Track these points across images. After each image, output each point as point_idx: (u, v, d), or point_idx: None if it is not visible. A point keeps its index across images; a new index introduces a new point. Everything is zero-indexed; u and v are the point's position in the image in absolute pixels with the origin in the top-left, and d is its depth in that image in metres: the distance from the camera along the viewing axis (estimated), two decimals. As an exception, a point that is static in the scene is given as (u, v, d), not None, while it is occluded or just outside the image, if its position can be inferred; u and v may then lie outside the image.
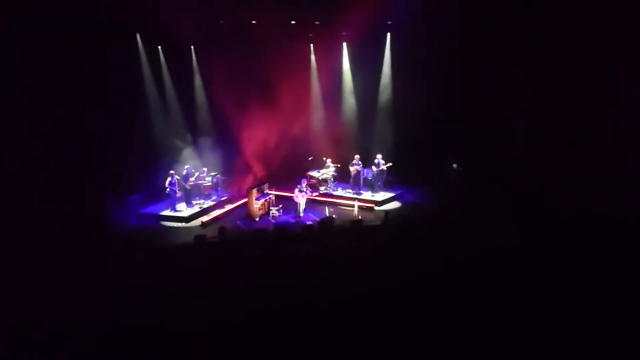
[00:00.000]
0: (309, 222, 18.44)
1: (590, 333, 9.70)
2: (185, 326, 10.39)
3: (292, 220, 19.06)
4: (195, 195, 20.52)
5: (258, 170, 22.41)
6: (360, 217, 18.76)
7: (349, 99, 24.12)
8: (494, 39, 20.24)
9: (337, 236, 16.72)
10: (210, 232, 17.25)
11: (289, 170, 22.65)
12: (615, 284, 11.30)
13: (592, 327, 9.85)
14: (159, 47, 21.63)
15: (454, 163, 22.17)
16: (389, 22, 22.16)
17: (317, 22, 21.88)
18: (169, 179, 19.21)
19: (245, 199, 20.06)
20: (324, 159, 22.29)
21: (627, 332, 9.76)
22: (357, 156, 21.29)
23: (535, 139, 20.15)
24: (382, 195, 21.04)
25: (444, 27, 20.82)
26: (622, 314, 10.21)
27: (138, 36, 20.88)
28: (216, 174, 21.44)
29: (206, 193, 20.91)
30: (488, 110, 20.92)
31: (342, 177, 22.32)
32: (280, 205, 19.73)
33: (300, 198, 19.29)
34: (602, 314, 10.16)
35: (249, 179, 21.94)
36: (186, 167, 20.10)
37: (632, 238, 13.75)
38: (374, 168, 21.06)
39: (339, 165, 22.14)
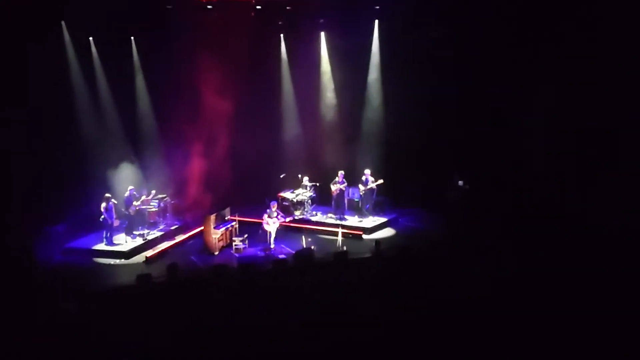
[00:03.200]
0: (281, 256, 18.29)
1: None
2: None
3: (260, 253, 18.91)
4: (138, 223, 20.24)
5: (217, 191, 22.24)
6: (345, 248, 18.68)
7: (330, 101, 24.18)
8: (510, 26, 20.51)
9: (317, 272, 16.58)
10: (157, 270, 16.95)
11: (255, 190, 22.55)
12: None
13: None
14: (90, 38, 21.44)
15: (460, 179, 22.26)
16: (377, 7, 22.34)
17: (288, 7, 21.99)
18: (103, 203, 18.92)
19: (202, 228, 19.88)
20: (299, 176, 22.23)
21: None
22: (340, 172, 21.27)
23: (559, 151, 20.30)
24: (371, 221, 21.02)
25: (444, 12, 21.05)
26: None
27: (63, 24, 20.69)
28: (164, 197, 21.23)
29: (151, 221, 20.65)
30: (501, 115, 21.09)
31: (323, 198, 22.29)
32: (246, 235, 19.58)
33: (271, 225, 19.15)
34: None
35: (206, 203, 21.74)
36: (129, 188, 19.87)
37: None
38: (361, 187, 21.04)
39: (317, 184, 22.09)
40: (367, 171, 21.08)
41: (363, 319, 12.80)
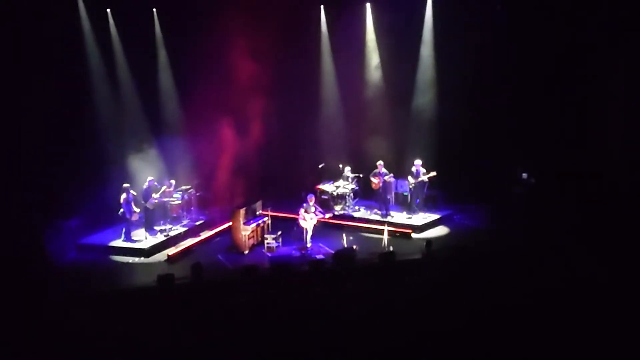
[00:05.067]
0: (319, 256, 18.28)
1: None
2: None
3: (295, 253, 18.92)
4: (159, 218, 20.44)
5: (247, 182, 22.33)
6: (391, 248, 18.60)
7: (375, 80, 24.03)
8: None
9: (359, 276, 16.56)
10: (180, 270, 17.10)
11: (291, 182, 22.57)
12: None
13: None
14: (108, 10, 21.68)
15: (524, 172, 21.97)
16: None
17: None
18: (123, 195, 19.10)
19: (230, 224, 19.95)
20: (340, 166, 22.18)
21: None
22: (379, 163, 21.15)
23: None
24: (422, 218, 20.89)
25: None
26: None
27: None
28: (189, 189, 21.36)
29: (174, 215, 20.82)
30: (573, 100, 20.76)
31: (366, 191, 22.22)
32: (279, 232, 19.59)
33: (308, 221, 19.12)
34: None
35: (235, 195, 21.86)
36: (148, 179, 20.03)
37: None
38: (410, 179, 20.89)
39: (361, 176, 21.99)
40: (418, 162, 20.90)
41: (411, 329, 12.72)
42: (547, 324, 12.23)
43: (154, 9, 22.45)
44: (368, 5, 23.65)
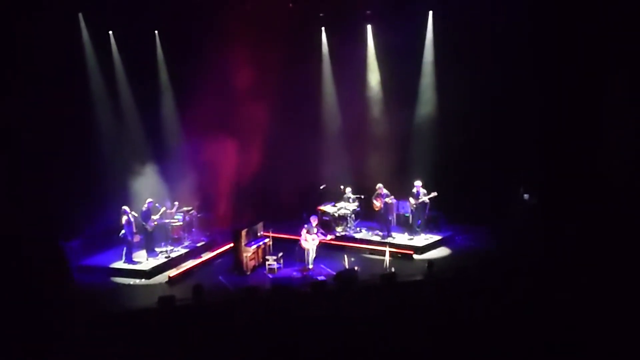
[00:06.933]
0: (321, 278, 18.24)
1: None
2: None
3: (297, 274, 18.91)
4: (160, 239, 20.45)
5: (248, 204, 22.35)
6: (393, 269, 18.56)
7: (376, 102, 24.14)
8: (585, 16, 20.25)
9: (361, 297, 16.50)
10: (181, 292, 17.05)
11: (292, 203, 22.58)
12: None
13: None
14: (110, 32, 21.81)
15: (526, 192, 22.01)
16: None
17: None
18: (123, 217, 19.13)
19: (231, 245, 19.95)
20: (342, 187, 22.21)
21: None
22: (379, 185, 21.16)
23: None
24: (423, 239, 20.89)
25: (506, 3, 20.88)
26: None
27: (81, 17, 21.06)
28: (190, 210, 21.38)
29: (175, 236, 20.83)
30: (575, 118, 20.81)
31: (368, 212, 22.22)
32: (281, 254, 19.59)
33: (309, 243, 19.12)
34: None
35: (236, 217, 21.87)
36: (148, 201, 20.05)
37: None
38: (411, 200, 20.91)
39: (362, 197, 22.03)
40: (419, 182, 20.93)
41: (413, 351, 12.66)
42: (549, 344, 12.15)
43: (156, 31, 22.56)
44: (369, 26, 23.78)
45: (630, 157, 19.91)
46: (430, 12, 23.05)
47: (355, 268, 18.46)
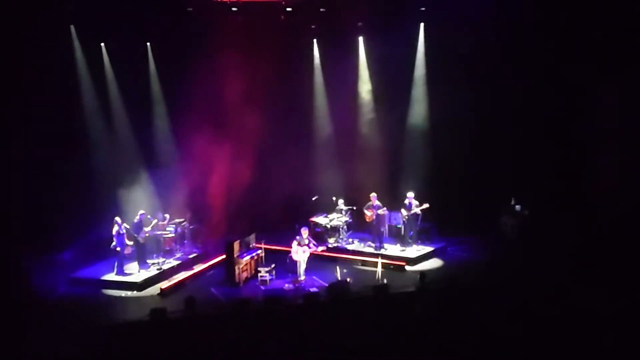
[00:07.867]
0: (313, 289, 18.23)
1: None
2: None
3: (289, 285, 18.87)
4: (152, 251, 20.40)
5: (240, 215, 22.34)
6: (385, 280, 18.59)
7: (368, 114, 24.22)
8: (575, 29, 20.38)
9: (353, 308, 16.52)
10: (173, 304, 17.07)
11: (284, 215, 22.57)
12: None
13: None
14: (102, 44, 21.79)
15: (517, 203, 22.08)
16: (423, 8, 22.32)
17: (322, 9, 22.08)
18: (115, 228, 19.12)
19: (223, 257, 19.93)
20: (334, 199, 22.24)
21: None
22: (372, 195, 21.16)
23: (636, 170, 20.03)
24: (415, 250, 20.89)
25: (500, 13, 20.97)
26: None
27: (72, 29, 21.03)
28: (182, 222, 21.36)
29: (167, 248, 20.79)
30: (565, 131, 20.97)
31: (360, 224, 22.22)
32: (273, 265, 19.57)
33: (301, 254, 19.11)
34: None
35: (228, 229, 21.86)
36: (140, 212, 20.02)
37: None
38: (403, 212, 20.92)
39: (354, 208, 22.02)
40: (411, 194, 20.94)
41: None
42: (542, 356, 12.19)
43: (148, 43, 22.56)
44: (361, 38, 23.87)
45: (624, 167, 20.05)
46: (422, 24, 23.13)
47: (348, 279, 18.48)
